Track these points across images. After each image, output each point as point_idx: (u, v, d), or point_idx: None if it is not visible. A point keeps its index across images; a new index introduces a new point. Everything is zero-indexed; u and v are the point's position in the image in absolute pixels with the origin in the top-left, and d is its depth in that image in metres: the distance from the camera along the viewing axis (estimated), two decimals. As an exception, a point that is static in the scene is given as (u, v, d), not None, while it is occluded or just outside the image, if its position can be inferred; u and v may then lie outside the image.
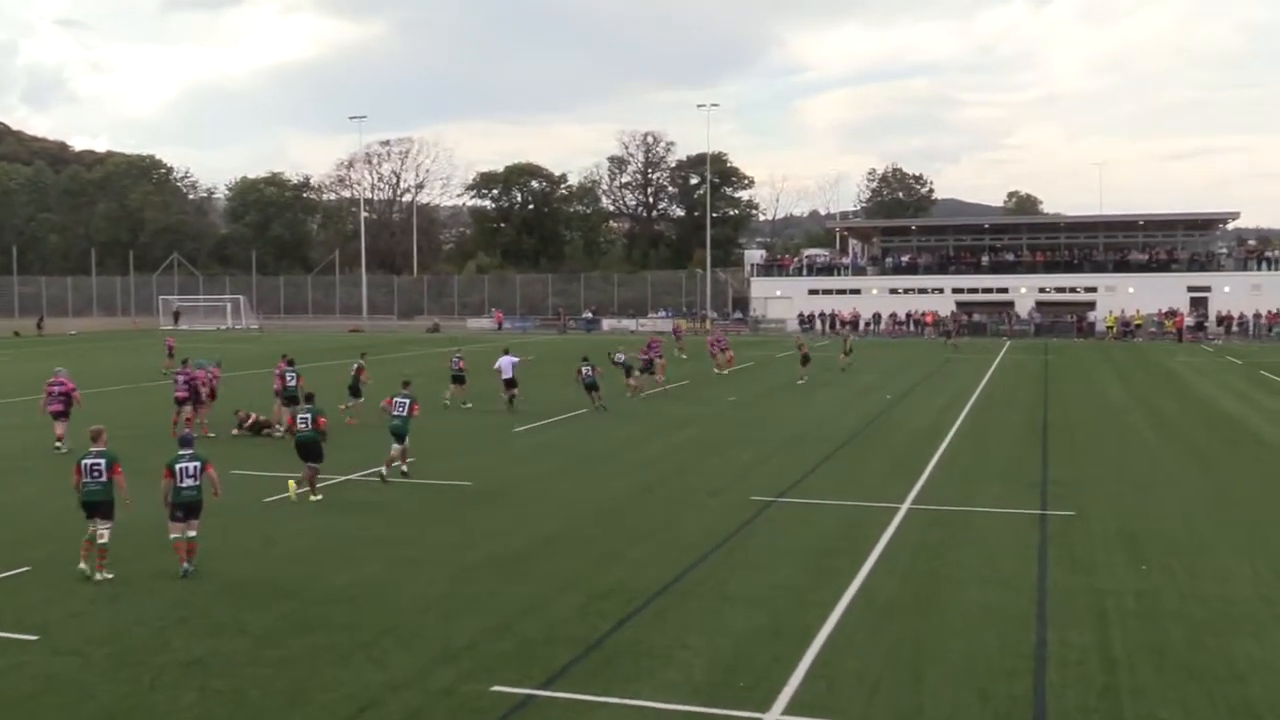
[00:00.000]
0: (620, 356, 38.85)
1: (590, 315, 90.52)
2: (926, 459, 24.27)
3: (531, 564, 15.63)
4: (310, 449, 19.91)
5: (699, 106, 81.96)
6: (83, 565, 14.97)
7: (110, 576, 14.77)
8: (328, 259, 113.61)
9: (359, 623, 13.11)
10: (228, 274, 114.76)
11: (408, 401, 22.09)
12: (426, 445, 25.01)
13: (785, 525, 17.96)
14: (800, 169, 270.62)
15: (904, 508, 19.20)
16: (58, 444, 25.17)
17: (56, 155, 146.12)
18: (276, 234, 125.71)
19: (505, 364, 34.49)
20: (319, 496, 19.90)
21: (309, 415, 20.11)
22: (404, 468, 22.06)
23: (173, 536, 15.24)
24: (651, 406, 34.50)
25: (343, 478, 22.15)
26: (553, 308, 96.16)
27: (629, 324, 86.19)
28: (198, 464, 15.40)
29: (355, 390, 31.10)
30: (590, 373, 33.81)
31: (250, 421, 28.01)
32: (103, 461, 15.11)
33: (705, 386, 40.85)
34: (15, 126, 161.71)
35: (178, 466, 15.31)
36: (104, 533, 14.92)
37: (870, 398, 37.08)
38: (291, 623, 13.13)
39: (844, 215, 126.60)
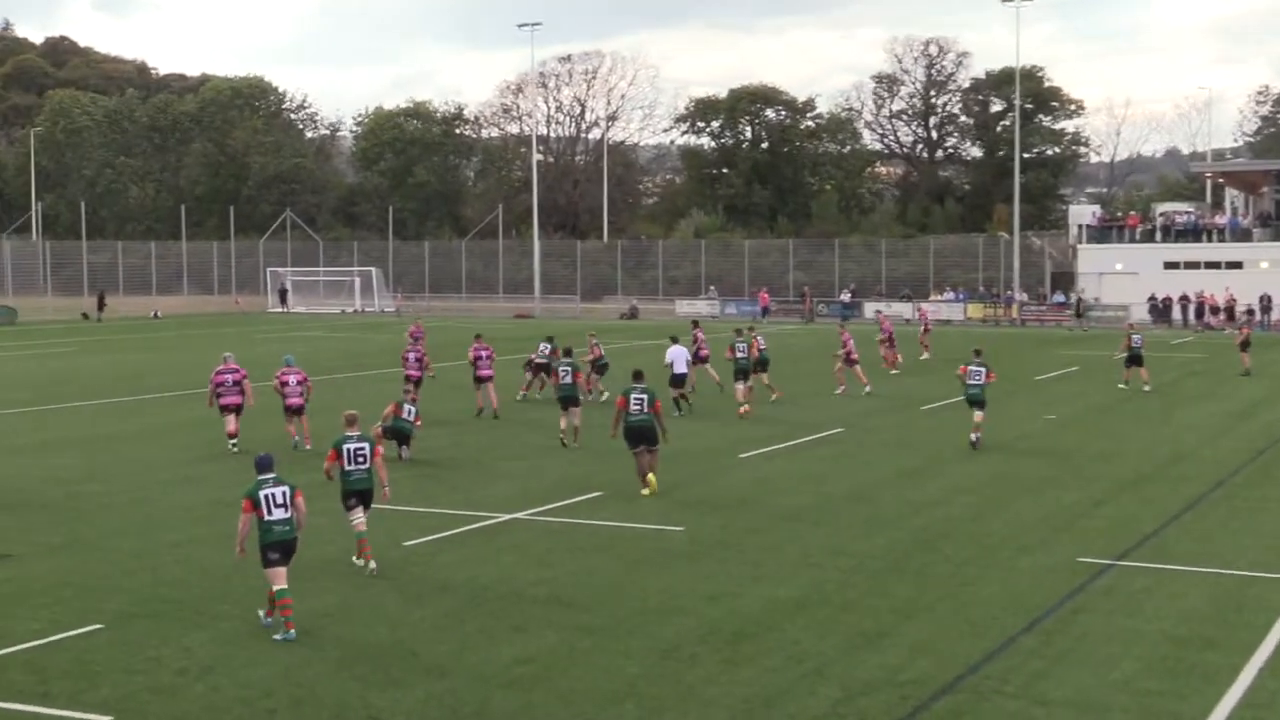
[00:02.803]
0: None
1: (848, 297, 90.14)
2: (1343, 510, 23.38)
3: (764, 640, 15.70)
4: (648, 433, 24.43)
5: (1004, 1, 79.79)
6: (358, 560, 18.82)
7: (374, 567, 18.59)
8: (488, 218, 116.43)
9: (529, 712, 13.39)
10: (356, 238, 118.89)
11: (984, 370, 29.97)
12: (621, 478, 25.41)
13: (1129, 600, 17.56)
14: (1152, 88, 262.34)
15: (1308, 580, 18.52)
16: (231, 440, 29.53)
17: (135, 80, 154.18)
18: (420, 184, 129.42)
19: (677, 356, 35.47)
20: (649, 490, 24.19)
21: (644, 397, 24.55)
22: (974, 437, 29.87)
23: (278, 588, 15.96)
24: (929, 426, 34.16)
25: (507, 516, 22.74)
26: (795, 286, 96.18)
27: (902, 309, 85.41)
28: (286, 490, 16.24)
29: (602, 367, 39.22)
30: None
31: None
32: (366, 446, 19.11)
33: (1007, 399, 40.17)
34: (83, 43, 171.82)
35: (263, 494, 16.12)
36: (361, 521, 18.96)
37: (1257, 418, 35.96)
38: (439, 709, 13.52)
39: (1218, 155, 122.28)
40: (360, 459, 19.05)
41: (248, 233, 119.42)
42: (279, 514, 16.08)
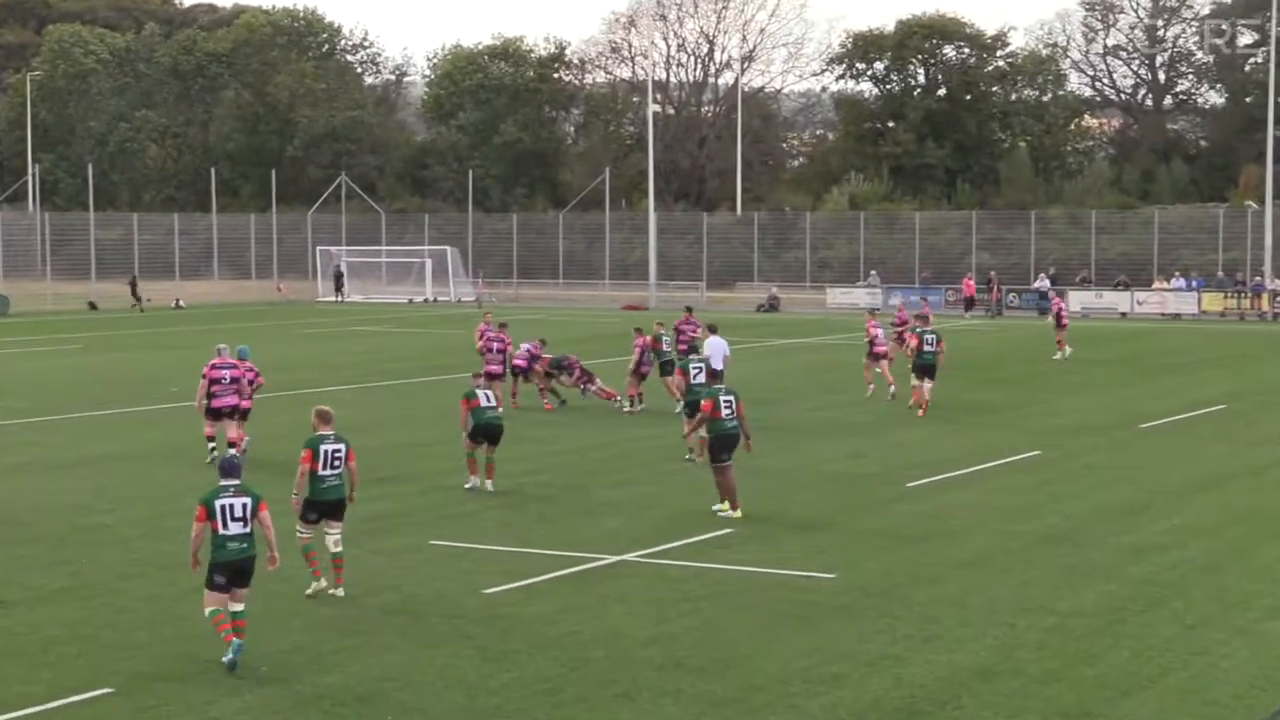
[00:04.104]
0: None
1: (1047, 284, 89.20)
2: None
3: (938, 718, 15.67)
4: (737, 442, 25.93)
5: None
6: (321, 582, 20.10)
7: (341, 593, 19.94)
8: (591, 185, 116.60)
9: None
10: (427, 209, 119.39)
11: None
12: (755, 510, 25.42)
13: None
14: None
15: None
16: (230, 449, 29.34)
17: (155, 12, 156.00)
18: (508, 142, 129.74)
19: (716, 349, 36.10)
20: (735, 511, 25.48)
21: (732, 399, 26.03)
22: None
23: (209, 610, 16.95)
24: (1150, 449, 33.77)
25: (613, 557, 22.83)
26: (980, 271, 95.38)
27: (1118, 299, 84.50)
28: (247, 502, 17.10)
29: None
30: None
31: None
32: (343, 447, 20.29)
33: (1257, 415, 39.63)
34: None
35: (219, 503, 16.99)
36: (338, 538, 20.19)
37: None
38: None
39: None
40: (336, 463, 20.33)
41: (293, 203, 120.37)
42: (235, 528, 16.94)
